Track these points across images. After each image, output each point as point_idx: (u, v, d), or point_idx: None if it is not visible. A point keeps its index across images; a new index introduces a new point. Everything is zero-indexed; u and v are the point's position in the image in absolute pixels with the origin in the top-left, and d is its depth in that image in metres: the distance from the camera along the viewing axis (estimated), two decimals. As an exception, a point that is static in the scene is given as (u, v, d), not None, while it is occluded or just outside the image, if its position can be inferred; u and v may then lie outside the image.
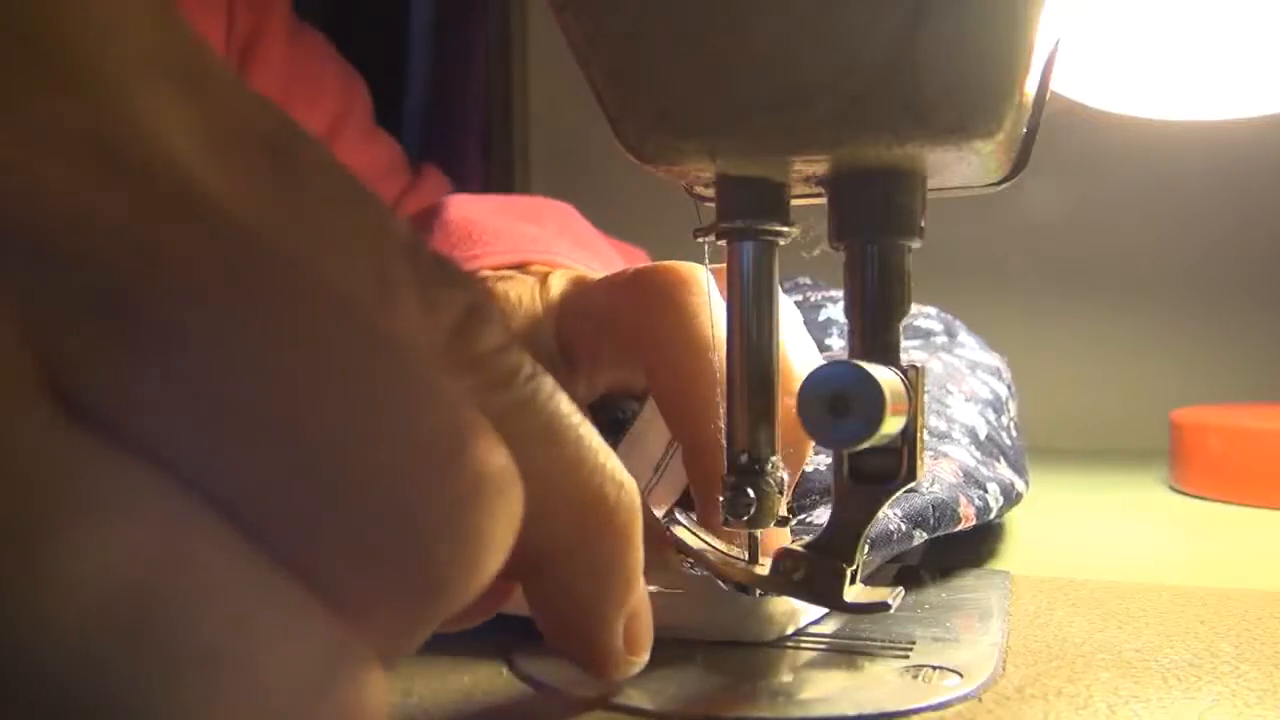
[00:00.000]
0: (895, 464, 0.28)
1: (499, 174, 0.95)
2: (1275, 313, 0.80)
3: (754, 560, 0.30)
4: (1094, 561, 0.43)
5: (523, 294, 0.41)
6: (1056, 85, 0.42)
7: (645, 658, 0.25)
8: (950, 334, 0.54)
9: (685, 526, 0.30)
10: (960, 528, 0.37)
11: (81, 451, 0.12)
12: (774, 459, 0.29)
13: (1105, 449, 0.75)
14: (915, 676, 0.27)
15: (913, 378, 0.27)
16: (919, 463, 0.28)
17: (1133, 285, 0.82)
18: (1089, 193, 0.81)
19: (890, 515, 0.34)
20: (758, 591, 0.30)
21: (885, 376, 0.25)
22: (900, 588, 0.29)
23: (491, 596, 0.21)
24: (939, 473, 0.39)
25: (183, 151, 0.14)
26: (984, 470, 0.41)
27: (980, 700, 0.26)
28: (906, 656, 0.28)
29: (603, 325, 0.37)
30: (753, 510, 0.28)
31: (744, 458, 0.28)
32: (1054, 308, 0.83)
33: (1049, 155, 0.34)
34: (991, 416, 0.47)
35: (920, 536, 0.35)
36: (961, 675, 0.27)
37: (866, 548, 0.32)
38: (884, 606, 0.28)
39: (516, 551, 0.16)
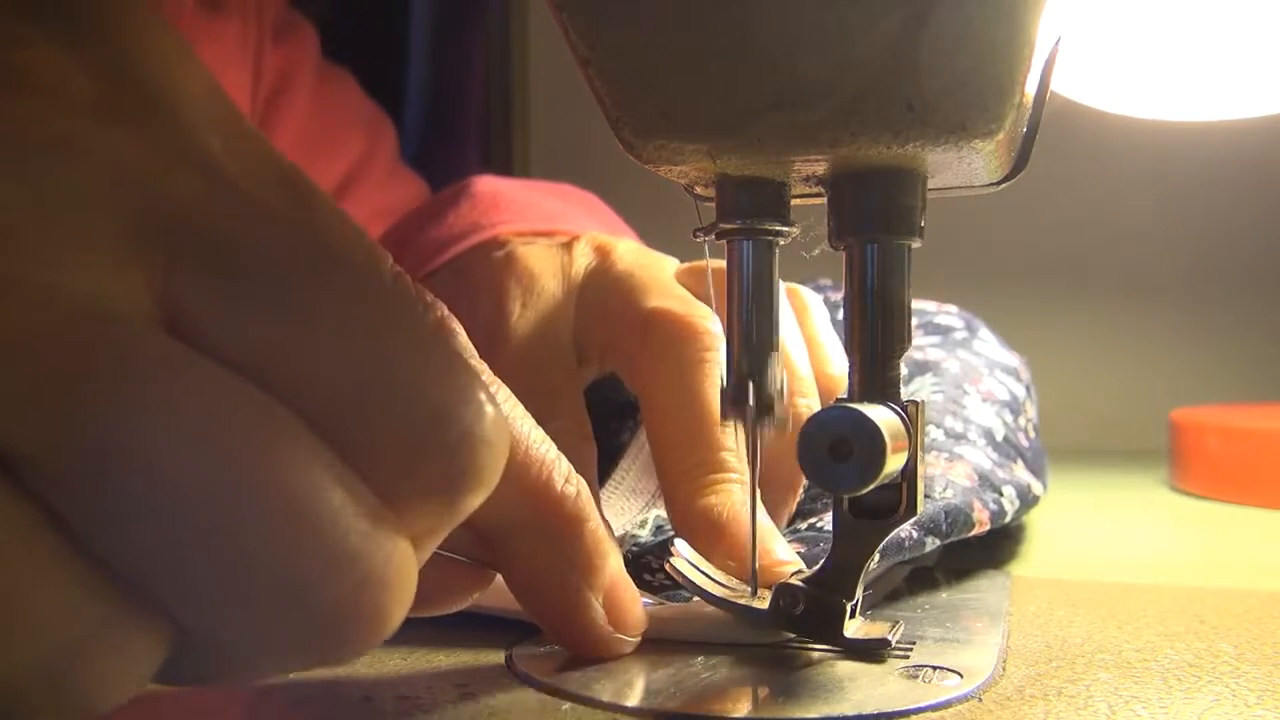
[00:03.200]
0: (895, 499, 0.28)
1: (499, 174, 0.95)
2: (1275, 313, 0.80)
3: (754, 593, 0.30)
4: (1094, 561, 0.43)
5: (545, 267, 0.41)
6: (1056, 85, 0.42)
7: (636, 636, 0.28)
8: (971, 330, 0.53)
9: (685, 559, 0.30)
10: (975, 533, 0.37)
11: (179, 355, 0.16)
12: (773, 354, 0.28)
13: (1105, 449, 0.75)
14: (915, 676, 0.27)
15: (912, 414, 0.27)
16: (918, 498, 0.28)
17: (1132, 285, 0.82)
18: (1089, 193, 0.81)
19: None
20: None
21: (884, 417, 0.25)
22: (900, 623, 0.30)
23: (471, 580, 0.26)
24: (953, 477, 0.38)
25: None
26: (1000, 473, 0.41)
27: (980, 700, 0.26)
28: (906, 656, 0.28)
29: (611, 346, 0.38)
30: (751, 404, 0.28)
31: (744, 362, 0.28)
32: (1053, 308, 0.83)
33: (1049, 155, 0.34)
34: (1009, 418, 0.46)
35: (932, 543, 0.35)
36: (961, 675, 0.27)
37: (877, 556, 0.32)
38: (884, 643, 0.28)
39: (484, 527, 0.24)
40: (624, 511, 0.38)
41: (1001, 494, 0.40)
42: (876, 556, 0.32)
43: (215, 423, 0.16)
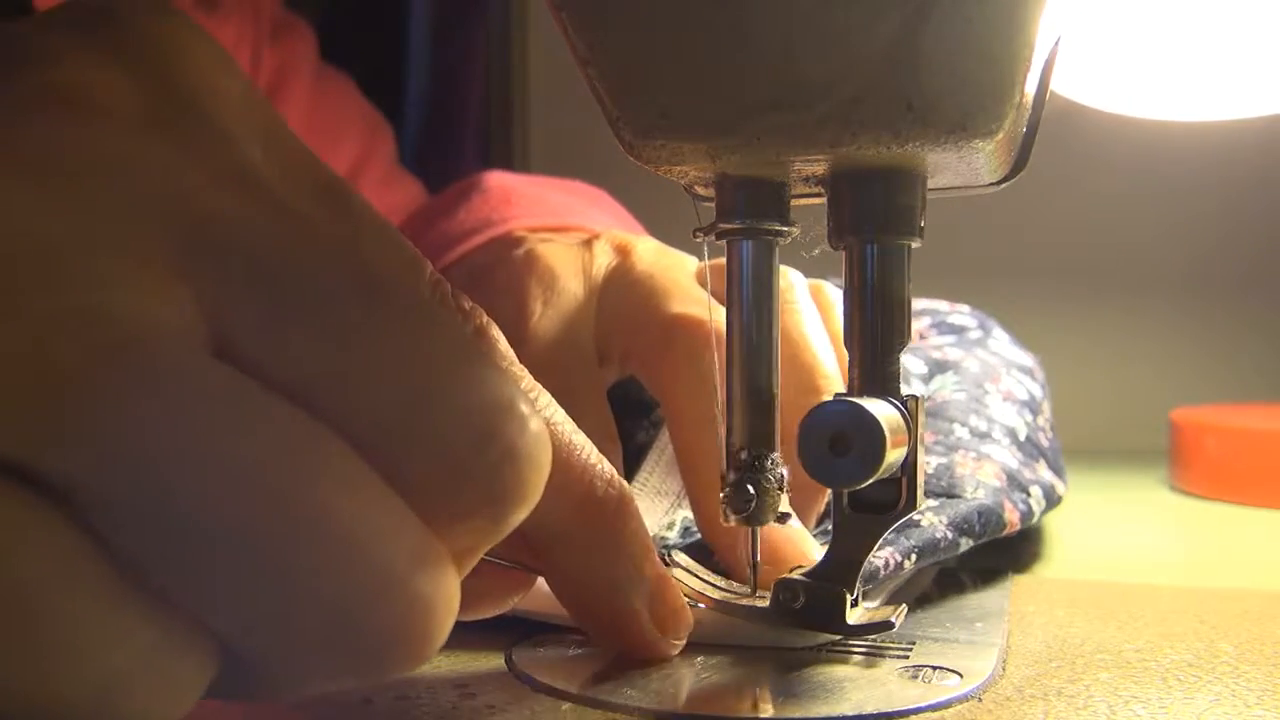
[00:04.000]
0: (895, 493, 0.28)
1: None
2: (1275, 313, 0.80)
3: (754, 592, 0.30)
4: (1094, 561, 0.43)
5: (566, 266, 0.40)
6: (1056, 85, 0.42)
7: (682, 638, 0.28)
8: (985, 329, 0.53)
9: (684, 568, 0.30)
10: (1006, 533, 0.37)
11: (226, 382, 0.16)
12: (774, 456, 0.28)
13: (1105, 449, 0.75)
14: (915, 676, 0.27)
15: (912, 408, 0.27)
16: (918, 492, 0.28)
17: (1132, 285, 0.82)
18: (1088, 193, 0.81)
19: (936, 523, 0.34)
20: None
21: (884, 411, 0.25)
22: (904, 606, 0.30)
23: (512, 584, 0.26)
24: (982, 477, 0.38)
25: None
26: (1026, 473, 0.41)
27: (980, 700, 0.26)
28: (906, 656, 0.28)
29: (632, 351, 0.38)
30: (752, 506, 0.28)
31: (744, 454, 0.28)
32: (1053, 308, 0.83)
33: (1049, 155, 0.34)
34: (1029, 417, 0.46)
35: (966, 544, 0.35)
36: (961, 675, 0.27)
37: (914, 557, 0.32)
38: (887, 626, 0.28)
39: (528, 534, 0.23)
40: (649, 513, 0.38)
41: (1029, 494, 0.39)
42: (914, 557, 0.32)
43: (264, 450, 0.16)
